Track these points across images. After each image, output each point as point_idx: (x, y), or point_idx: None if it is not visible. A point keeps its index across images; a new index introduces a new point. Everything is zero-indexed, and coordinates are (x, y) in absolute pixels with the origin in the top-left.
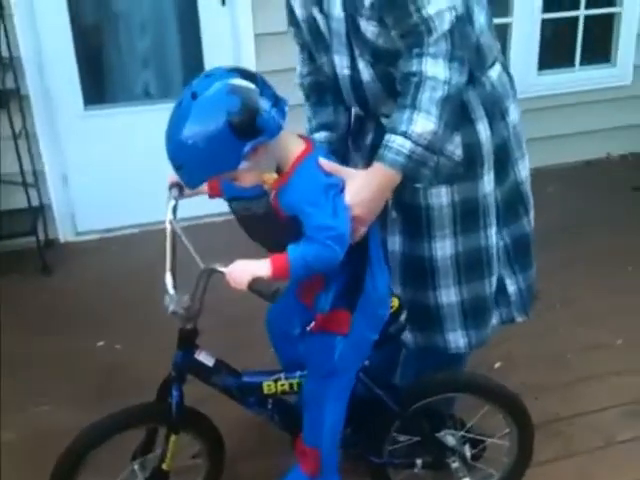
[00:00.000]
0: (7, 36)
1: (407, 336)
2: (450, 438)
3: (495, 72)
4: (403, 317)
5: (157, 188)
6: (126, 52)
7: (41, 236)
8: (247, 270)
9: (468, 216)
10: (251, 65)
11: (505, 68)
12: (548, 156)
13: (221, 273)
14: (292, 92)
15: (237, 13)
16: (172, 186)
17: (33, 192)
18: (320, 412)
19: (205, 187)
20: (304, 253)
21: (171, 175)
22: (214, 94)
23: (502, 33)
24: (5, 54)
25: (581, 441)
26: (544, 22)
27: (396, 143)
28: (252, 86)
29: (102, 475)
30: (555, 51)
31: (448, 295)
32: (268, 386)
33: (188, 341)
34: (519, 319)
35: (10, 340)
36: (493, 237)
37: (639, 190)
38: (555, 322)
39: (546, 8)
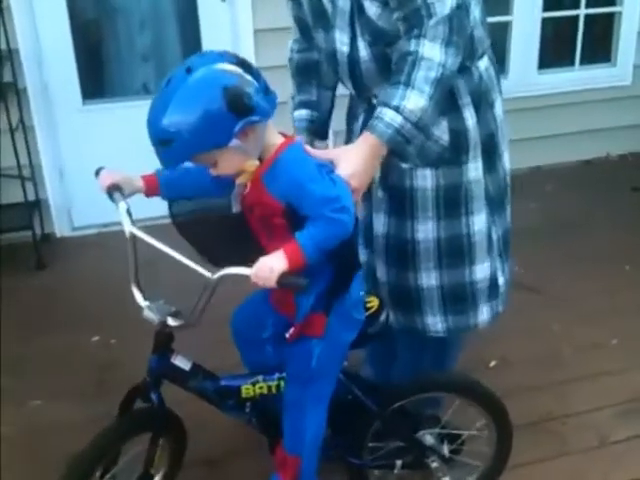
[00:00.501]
0: (5, 29)
1: (391, 316)
2: (428, 437)
3: (483, 64)
4: (383, 317)
5: None
6: (125, 47)
7: (37, 230)
8: (270, 266)
9: (451, 201)
10: (250, 60)
11: (493, 62)
12: (547, 155)
13: (245, 277)
14: (290, 88)
15: (237, 8)
16: (110, 189)
17: (30, 186)
18: (302, 419)
19: (142, 185)
20: (312, 235)
21: (104, 177)
22: (210, 70)
23: (502, 32)
24: (3, 46)
25: (574, 440)
26: (544, 21)
27: (387, 116)
28: (243, 71)
29: None
30: (555, 50)
31: (428, 278)
32: (246, 389)
33: (164, 345)
34: (501, 309)
35: (6, 334)
36: (475, 226)
37: (638, 190)
38: (551, 321)
39: (546, 7)
